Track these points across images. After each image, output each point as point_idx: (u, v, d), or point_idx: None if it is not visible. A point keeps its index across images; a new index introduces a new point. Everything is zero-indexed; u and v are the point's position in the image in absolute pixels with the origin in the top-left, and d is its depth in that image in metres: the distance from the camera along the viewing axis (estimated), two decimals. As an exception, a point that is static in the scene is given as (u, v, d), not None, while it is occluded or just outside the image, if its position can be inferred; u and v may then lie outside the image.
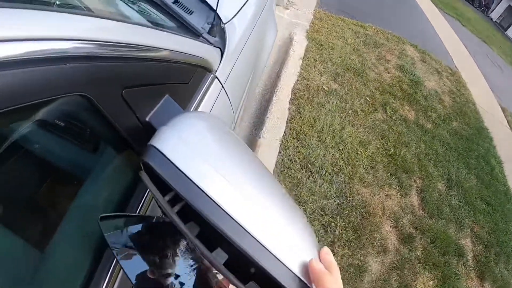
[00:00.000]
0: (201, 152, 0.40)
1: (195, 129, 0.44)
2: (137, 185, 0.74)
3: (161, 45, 0.71)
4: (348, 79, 3.96)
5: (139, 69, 0.64)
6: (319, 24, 4.86)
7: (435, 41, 7.83)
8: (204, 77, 1.07)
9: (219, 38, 1.26)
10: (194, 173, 0.38)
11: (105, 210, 0.69)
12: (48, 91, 0.43)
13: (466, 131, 4.76)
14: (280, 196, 0.44)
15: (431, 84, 5.29)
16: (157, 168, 0.39)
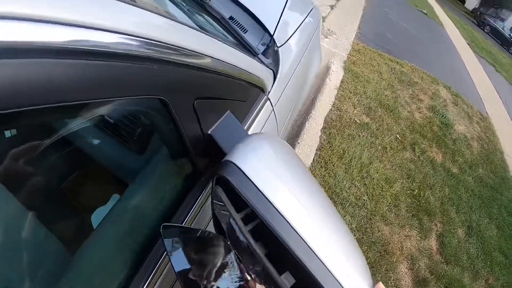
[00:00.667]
0: (278, 175, 0.42)
1: (272, 152, 0.46)
2: (188, 192, 0.74)
3: (231, 60, 0.72)
4: (380, 114, 3.96)
5: (210, 81, 0.65)
6: (356, 56, 4.89)
7: (468, 84, 7.73)
8: (258, 97, 1.07)
9: (272, 60, 1.26)
10: (273, 195, 0.39)
11: (153, 213, 0.71)
12: (135, 90, 0.44)
13: (491, 179, 4.65)
14: (341, 223, 0.45)
15: (461, 128, 5.22)
16: (237, 185, 0.41)
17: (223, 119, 0.72)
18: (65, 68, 0.31)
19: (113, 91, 0.40)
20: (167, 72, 0.49)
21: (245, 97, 0.91)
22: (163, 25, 0.47)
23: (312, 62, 2.09)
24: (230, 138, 0.68)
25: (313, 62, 2.13)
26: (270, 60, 1.24)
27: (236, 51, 0.79)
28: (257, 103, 1.05)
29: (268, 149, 0.46)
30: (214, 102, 0.70)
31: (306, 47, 1.79)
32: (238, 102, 0.86)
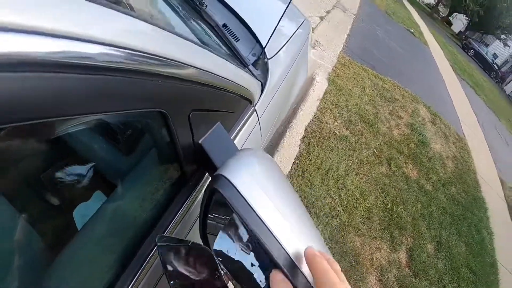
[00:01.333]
0: (265, 190, 0.46)
1: (261, 167, 0.51)
2: (174, 196, 0.77)
3: (224, 73, 0.76)
4: (360, 128, 4.07)
5: (205, 94, 0.69)
6: (341, 69, 5.01)
7: (448, 104, 7.99)
8: (245, 109, 1.09)
9: (261, 72, 1.29)
10: (260, 209, 0.44)
11: (141, 215, 0.74)
12: (139, 103, 0.48)
13: (463, 198, 4.82)
14: (314, 230, 0.51)
15: (437, 147, 5.39)
16: (229, 198, 0.45)
17: (213, 130, 0.76)
18: (67, 82, 0.33)
19: (118, 105, 0.43)
20: (168, 86, 0.53)
21: (234, 108, 0.95)
22: (165, 39, 0.50)
23: (298, 74, 2.13)
24: (219, 148, 0.73)
25: (299, 74, 2.17)
26: (259, 71, 1.28)
27: (229, 64, 0.83)
28: (244, 114, 1.08)
29: (258, 165, 0.51)
30: (206, 113, 0.74)
31: (295, 59, 1.83)
32: (227, 113, 0.90)
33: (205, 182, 0.84)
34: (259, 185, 0.46)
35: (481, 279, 3.88)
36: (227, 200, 0.45)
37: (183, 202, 0.77)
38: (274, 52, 1.50)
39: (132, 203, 0.75)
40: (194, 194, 0.81)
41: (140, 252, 0.67)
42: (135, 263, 0.65)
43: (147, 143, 0.74)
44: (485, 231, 4.71)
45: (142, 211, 0.75)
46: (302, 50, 2.04)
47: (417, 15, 17.12)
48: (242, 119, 1.07)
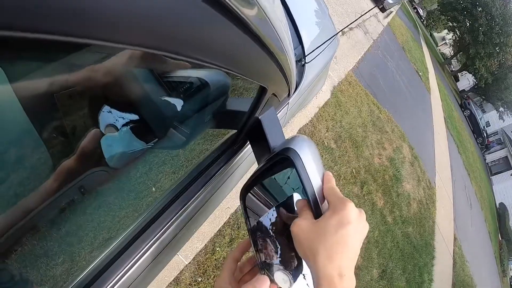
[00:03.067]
0: (316, 164, 0.64)
1: (313, 150, 0.68)
2: (222, 154, 0.94)
3: (293, 68, 0.93)
4: (346, 146, 4.33)
5: (282, 82, 0.88)
6: (346, 86, 5.26)
7: (430, 152, 8.40)
8: (284, 98, 1.27)
9: (298, 72, 1.49)
10: (313, 177, 0.63)
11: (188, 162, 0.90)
12: (255, 76, 0.64)
13: (417, 240, 5.19)
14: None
15: (408, 186, 5.75)
16: (298, 167, 0.63)
17: (269, 111, 0.92)
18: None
19: (244, 69, 0.57)
20: (273, 69, 0.70)
21: (281, 96, 1.10)
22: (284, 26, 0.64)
23: (319, 83, 2.34)
24: (270, 126, 0.89)
25: (320, 83, 2.39)
26: (297, 71, 1.46)
27: (293, 59, 0.95)
28: (282, 103, 1.28)
29: (312, 146, 0.68)
30: (273, 97, 0.92)
31: (323, 69, 2.04)
32: (277, 98, 1.05)
33: (243, 150, 1.03)
34: (313, 160, 0.64)
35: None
36: (297, 168, 0.63)
37: (225, 162, 0.95)
38: (311, 58, 1.70)
39: (183, 150, 0.87)
40: (234, 157, 0.98)
41: (186, 194, 0.83)
42: (182, 199, 0.82)
43: (216, 106, 0.85)
44: (427, 276, 5.10)
45: (189, 160, 0.90)
46: (329, 62, 2.24)
47: (429, 60, 17.58)
48: (280, 106, 1.27)
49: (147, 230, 0.74)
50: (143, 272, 0.79)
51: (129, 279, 0.73)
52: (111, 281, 0.67)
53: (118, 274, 0.68)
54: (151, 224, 0.75)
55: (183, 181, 0.85)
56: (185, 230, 0.95)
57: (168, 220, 0.79)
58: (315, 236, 0.50)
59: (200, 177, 0.87)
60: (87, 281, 0.64)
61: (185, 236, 1.12)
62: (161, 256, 0.87)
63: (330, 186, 0.59)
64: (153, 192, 0.82)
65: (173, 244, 0.91)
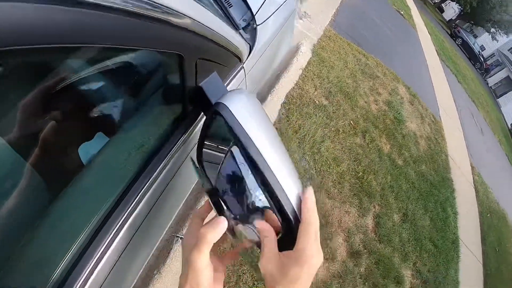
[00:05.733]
0: (253, 117, 0.62)
1: (249, 100, 0.67)
2: (175, 130, 0.96)
3: (221, 31, 0.95)
4: (339, 99, 4.30)
5: (207, 46, 0.88)
6: (326, 42, 5.19)
7: (428, 87, 8.33)
8: (236, 65, 1.30)
9: (250, 36, 1.50)
10: (249, 130, 0.60)
11: (147, 146, 0.90)
12: (165, 45, 0.66)
13: (432, 176, 5.19)
14: (289, 159, 0.65)
15: (412, 126, 5.73)
16: (228, 121, 0.60)
17: (211, 76, 0.94)
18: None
19: (149, 43, 0.60)
20: (185, 35, 0.71)
21: (227, 62, 1.15)
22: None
23: (283, 43, 2.33)
24: (215, 91, 0.90)
25: (284, 43, 2.37)
26: (249, 35, 1.48)
27: (225, 25, 1.02)
28: (234, 69, 1.29)
29: (247, 98, 0.67)
30: (207, 63, 0.92)
31: (281, 28, 2.03)
32: (222, 66, 1.09)
33: (199, 121, 1.03)
34: (249, 113, 0.62)
35: (442, 253, 4.27)
36: (226, 121, 0.60)
37: (181, 134, 0.96)
38: (263, 19, 1.69)
39: (139, 136, 0.91)
40: (191, 129, 0.99)
41: (144, 174, 0.84)
42: (140, 182, 0.83)
43: (154, 86, 0.89)
44: (450, 210, 5.11)
45: (147, 143, 0.91)
46: (289, 20, 2.23)
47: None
48: (233, 73, 1.28)
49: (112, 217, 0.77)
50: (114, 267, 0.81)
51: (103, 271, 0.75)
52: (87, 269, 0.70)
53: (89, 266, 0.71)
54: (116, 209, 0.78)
55: (145, 164, 0.87)
56: (156, 212, 0.97)
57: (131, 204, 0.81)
58: (277, 281, 0.52)
59: (155, 157, 0.89)
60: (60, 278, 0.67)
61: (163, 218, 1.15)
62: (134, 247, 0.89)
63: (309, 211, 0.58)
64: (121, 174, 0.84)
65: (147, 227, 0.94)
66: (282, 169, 0.58)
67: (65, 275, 0.67)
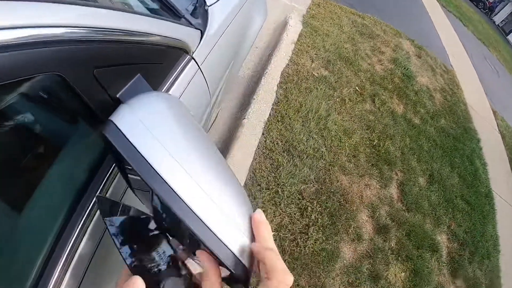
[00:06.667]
0: (154, 131, 0.45)
1: (152, 109, 0.50)
2: (104, 158, 0.80)
3: (135, 28, 0.77)
4: (340, 67, 4.04)
5: (110, 50, 0.69)
6: (316, 9, 4.91)
7: (434, 37, 7.95)
8: (180, 58, 1.13)
9: (201, 19, 1.31)
10: (145, 150, 0.43)
11: (80, 176, 0.76)
12: (29, 70, 0.49)
13: (454, 130, 4.90)
14: (222, 182, 0.48)
15: (424, 80, 5.41)
16: (113, 141, 0.44)
17: (132, 82, 0.77)
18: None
19: (8, 75, 0.45)
20: (59, 50, 0.53)
21: (161, 59, 0.97)
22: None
23: (253, 18, 2.15)
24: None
25: (253, 20, 2.18)
26: (199, 20, 1.30)
27: (146, 18, 0.85)
28: (178, 64, 1.11)
29: (149, 106, 0.50)
30: (120, 68, 0.74)
31: (243, 3, 1.84)
32: (153, 64, 0.92)
33: None
34: (149, 128, 0.45)
35: (477, 209, 4.03)
36: (115, 145, 0.43)
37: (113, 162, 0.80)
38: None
39: (71, 165, 0.77)
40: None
41: (79, 207, 0.73)
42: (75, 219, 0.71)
43: (64, 109, 0.75)
44: (478, 161, 4.82)
45: (80, 172, 0.77)
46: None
47: None
48: (176, 68, 1.10)
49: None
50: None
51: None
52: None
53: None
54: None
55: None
56: None
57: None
58: None
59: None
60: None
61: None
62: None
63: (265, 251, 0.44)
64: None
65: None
66: (206, 203, 0.43)
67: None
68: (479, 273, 3.42)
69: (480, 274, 3.41)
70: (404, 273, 2.82)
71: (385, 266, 2.72)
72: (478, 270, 3.42)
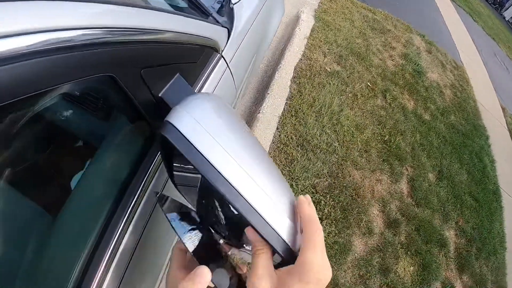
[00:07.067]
0: (209, 130, 0.49)
1: (205, 110, 0.53)
2: (148, 150, 0.85)
3: (174, 28, 0.80)
4: (352, 62, 4.07)
5: (155, 51, 0.74)
6: (328, 4, 4.93)
7: (444, 33, 7.93)
8: (211, 57, 1.16)
9: (227, 18, 1.34)
10: (203, 147, 0.47)
11: (120, 172, 0.81)
12: (82, 73, 0.52)
13: (463, 126, 4.93)
14: (268, 172, 0.53)
15: (434, 76, 5.43)
16: (173, 141, 0.48)
17: (173, 82, 0.81)
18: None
19: (65, 77, 0.48)
20: (109, 51, 0.57)
21: (195, 58, 1.00)
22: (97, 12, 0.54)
23: (272, 14, 2.18)
24: (179, 97, 0.76)
25: (273, 16, 2.22)
26: (225, 18, 1.33)
27: (183, 18, 0.87)
28: (209, 63, 1.15)
29: (202, 107, 0.54)
30: (162, 68, 0.78)
31: (264, 1, 1.88)
32: (188, 64, 0.96)
33: None
34: (205, 127, 0.49)
35: (485, 206, 4.07)
36: (176, 145, 0.48)
37: (155, 156, 0.84)
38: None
39: (111, 163, 0.82)
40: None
41: (121, 205, 0.76)
42: (119, 214, 0.75)
43: (107, 111, 0.83)
44: (487, 158, 4.85)
45: (121, 169, 0.81)
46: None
47: None
48: (208, 67, 1.14)
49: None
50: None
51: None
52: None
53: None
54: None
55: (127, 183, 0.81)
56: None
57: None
58: None
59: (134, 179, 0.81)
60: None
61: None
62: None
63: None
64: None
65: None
66: (259, 193, 0.48)
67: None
68: (485, 269, 3.47)
69: (486, 271, 3.46)
70: (413, 267, 2.88)
71: (394, 260, 2.78)
72: (484, 267, 3.48)
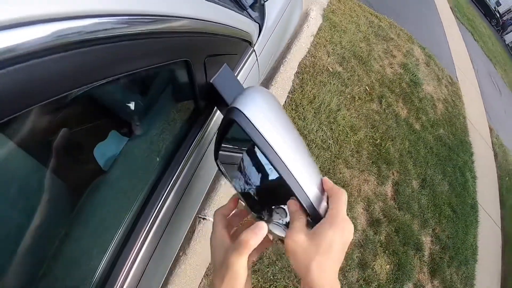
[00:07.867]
0: (269, 117, 0.62)
1: (264, 100, 0.65)
2: (191, 127, 0.96)
3: (226, 21, 0.92)
4: (353, 65, 4.23)
5: (215, 42, 0.86)
6: (336, 5, 5.05)
7: (443, 48, 8.15)
8: (246, 50, 1.27)
9: (259, 13, 1.45)
10: (266, 133, 0.59)
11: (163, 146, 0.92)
12: (170, 56, 0.64)
13: (451, 140, 5.17)
14: (305, 152, 0.65)
15: (429, 88, 5.64)
16: (242, 125, 0.60)
17: (221, 70, 0.93)
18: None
19: (149, 61, 0.58)
20: (187, 39, 0.69)
21: (237, 50, 1.13)
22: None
23: (293, 15, 2.29)
24: (226, 86, 0.90)
25: (294, 15, 2.34)
26: (257, 13, 1.43)
27: (229, 11, 0.97)
28: (244, 55, 1.26)
29: (263, 99, 0.65)
30: (216, 57, 0.90)
31: (290, 1, 1.99)
32: (232, 55, 1.08)
33: (213, 115, 1.03)
34: (265, 115, 0.61)
35: (461, 218, 4.31)
36: (242, 128, 0.60)
37: (197, 133, 0.96)
38: None
39: (153, 138, 0.92)
40: (205, 125, 1.00)
41: (164, 178, 0.85)
42: (159, 190, 0.84)
43: (164, 85, 0.89)
44: (469, 174, 5.11)
45: (163, 144, 0.92)
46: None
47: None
48: (243, 59, 1.25)
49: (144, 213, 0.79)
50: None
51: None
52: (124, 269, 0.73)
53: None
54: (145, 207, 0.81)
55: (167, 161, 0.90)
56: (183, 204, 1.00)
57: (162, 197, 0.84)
58: (310, 252, 0.53)
59: (177, 154, 0.91)
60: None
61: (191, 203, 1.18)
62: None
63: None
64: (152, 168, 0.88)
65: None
66: (300, 168, 0.60)
67: (104, 277, 0.70)
68: (456, 277, 3.70)
69: (456, 279, 3.69)
70: (389, 266, 3.06)
71: (373, 257, 2.96)
72: (455, 275, 3.71)
